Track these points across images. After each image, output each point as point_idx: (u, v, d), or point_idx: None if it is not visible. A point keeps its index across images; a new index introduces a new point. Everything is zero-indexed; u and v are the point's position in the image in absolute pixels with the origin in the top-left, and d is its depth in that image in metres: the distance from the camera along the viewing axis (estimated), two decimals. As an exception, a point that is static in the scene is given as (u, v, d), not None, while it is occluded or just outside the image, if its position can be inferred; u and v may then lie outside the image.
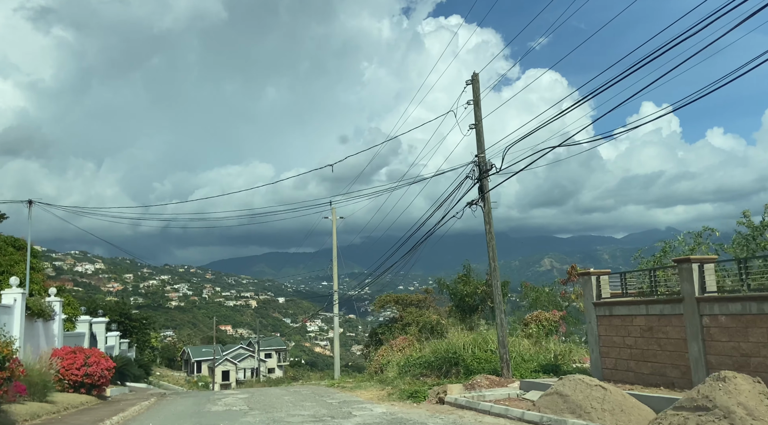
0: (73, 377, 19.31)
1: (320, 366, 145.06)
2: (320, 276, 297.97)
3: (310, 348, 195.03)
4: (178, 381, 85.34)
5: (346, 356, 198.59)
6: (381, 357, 27.83)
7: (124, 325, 37.84)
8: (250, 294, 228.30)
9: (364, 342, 39.34)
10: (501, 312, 14.91)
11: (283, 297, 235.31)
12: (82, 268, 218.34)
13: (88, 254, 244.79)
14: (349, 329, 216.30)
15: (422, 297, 34.62)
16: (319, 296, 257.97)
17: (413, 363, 19.72)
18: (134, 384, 29.65)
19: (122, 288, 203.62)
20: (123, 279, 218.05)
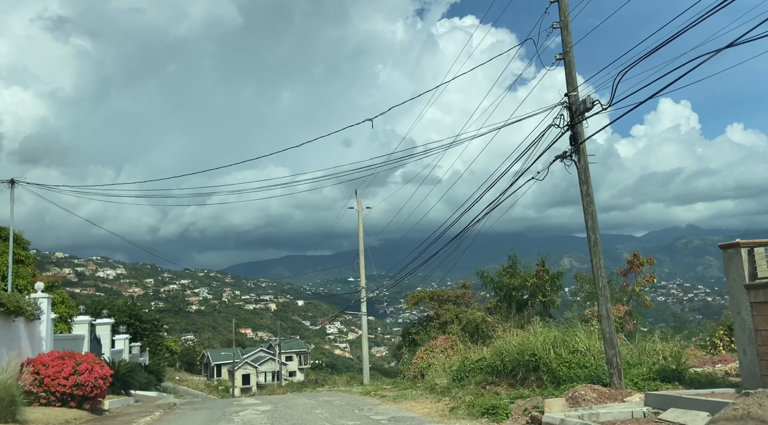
0: (60, 388, 15.72)
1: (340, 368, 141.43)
2: (338, 278, 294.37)
3: (330, 350, 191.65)
4: (197, 386, 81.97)
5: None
6: (420, 360, 24.02)
7: (135, 327, 34.36)
8: (270, 298, 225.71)
9: (396, 343, 35.50)
10: (606, 301, 11.05)
11: (302, 300, 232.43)
12: (104, 274, 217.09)
13: (110, 259, 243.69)
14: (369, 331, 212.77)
15: (460, 292, 30.78)
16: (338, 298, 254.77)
17: (472, 368, 15.90)
18: (143, 392, 26.06)
19: (143, 293, 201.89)
20: (144, 284, 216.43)
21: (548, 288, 25.35)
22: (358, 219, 34.57)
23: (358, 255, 34.75)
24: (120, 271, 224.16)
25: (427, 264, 29.59)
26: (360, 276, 34.20)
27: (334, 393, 25.57)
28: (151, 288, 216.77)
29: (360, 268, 34.23)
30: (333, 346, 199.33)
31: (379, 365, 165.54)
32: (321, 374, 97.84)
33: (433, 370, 23.12)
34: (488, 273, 26.89)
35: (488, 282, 26.75)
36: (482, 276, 26.82)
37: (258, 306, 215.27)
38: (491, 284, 26.76)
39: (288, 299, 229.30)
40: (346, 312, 33.82)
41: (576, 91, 11.06)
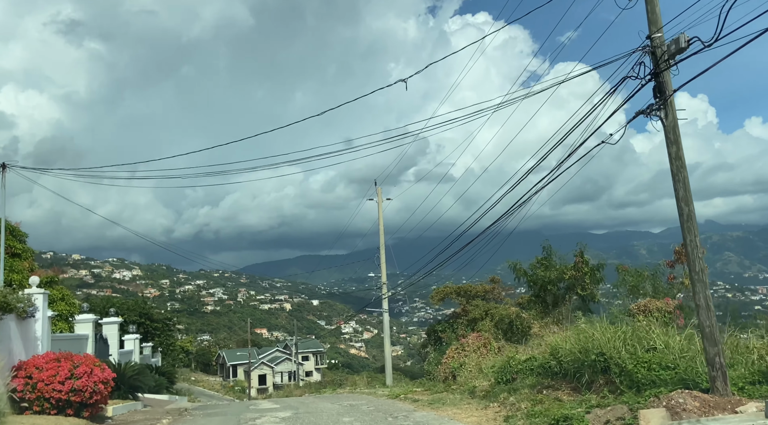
0: (56, 394, 13.87)
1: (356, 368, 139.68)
2: (353, 277, 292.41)
3: (346, 350, 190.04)
4: (213, 386, 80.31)
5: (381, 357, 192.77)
6: (450, 360, 21.99)
7: (145, 327, 32.52)
8: (284, 297, 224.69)
9: (419, 342, 33.45)
10: (705, 287, 8.98)
11: (317, 300, 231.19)
12: (120, 275, 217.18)
13: (126, 261, 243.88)
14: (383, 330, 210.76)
15: (489, 287, 28.68)
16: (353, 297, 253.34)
17: (519, 369, 13.84)
18: (153, 396, 24.23)
19: (159, 294, 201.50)
20: (159, 285, 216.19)
21: (587, 281, 23.23)
22: (377, 211, 32.61)
23: (377, 250, 32.79)
24: (136, 272, 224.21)
25: (451, 260, 27.62)
26: (381, 272, 32.23)
27: (357, 395, 23.61)
28: (167, 289, 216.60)
29: (381, 263, 32.27)
30: (348, 346, 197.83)
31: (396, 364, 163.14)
32: (338, 374, 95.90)
33: (465, 370, 21.12)
34: (521, 266, 24.78)
35: (521, 275, 24.64)
36: (515, 268, 24.71)
37: (273, 306, 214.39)
38: (524, 277, 24.66)
39: (303, 299, 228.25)
40: (366, 309, 31.92)
41: (660, 31, 9.00)
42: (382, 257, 32.18)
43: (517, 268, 24.71)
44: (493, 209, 21.18)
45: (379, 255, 32.34)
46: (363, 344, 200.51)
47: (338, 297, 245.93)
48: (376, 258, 32.64)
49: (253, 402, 23.54)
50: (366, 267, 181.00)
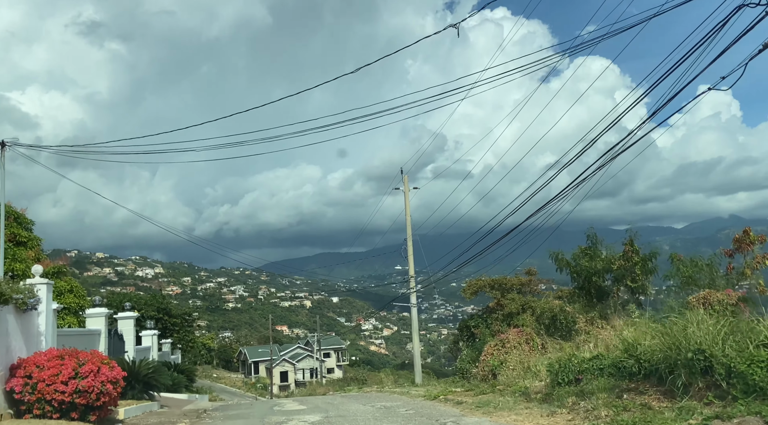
0: (58, 395, 12.22)
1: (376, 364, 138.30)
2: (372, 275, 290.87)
3: (366, 346, 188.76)
4: (235, 383, 79.03)
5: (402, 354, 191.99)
6: (490, 357, 20.07)
7: (163, 322, 30.94)
8: (304, 295, 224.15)
9: (452, 337, 31.56)
10: None
11: (337, 297, 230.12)
12: (143, 273, 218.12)
13: (148, 259, 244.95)
14: (403, 327, 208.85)
15: (525, 279, 26.68)
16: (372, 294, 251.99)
17: (585, 369, 11.88)
18: (171, 395, 22.63)
19: (181, 291, 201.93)
20: (181, 283, 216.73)
21: (638, 272, 21.13)
22: (403, 201, 30.72)
23: (402, 243, 30.93)
24: (158, 270, 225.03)
25: (481, 256, 25.70)
26: (408, 265, 30.35)
27: (387, 395, 21.78)
28: (189, 287, 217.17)
29: (408, 256, 30.39)
30: (368, 342, 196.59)
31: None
32: (359, 371, 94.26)
33: (506, 369, 19.19)
34: (563, 256, 22.73)
35: (563, 266, 22.59)
36: (556, 259, 22.64)
37: (293, 303, 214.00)
38: (567, 268, 22.60)
39: (323, 296, 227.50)
40: (393, 303, 30.13)
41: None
42: (410, 249, 30.31)
43: (559, 259, 22.65)
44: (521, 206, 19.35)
45: (407, 247, 30.46)
46: (383, 341, 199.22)
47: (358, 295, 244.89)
48: (403, 250, 30.77)
49: (276, 402, 21.82)
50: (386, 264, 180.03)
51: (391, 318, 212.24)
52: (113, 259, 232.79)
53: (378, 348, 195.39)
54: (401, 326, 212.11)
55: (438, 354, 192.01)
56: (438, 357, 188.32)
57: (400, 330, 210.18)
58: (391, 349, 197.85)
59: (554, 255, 22.82)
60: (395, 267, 39.76)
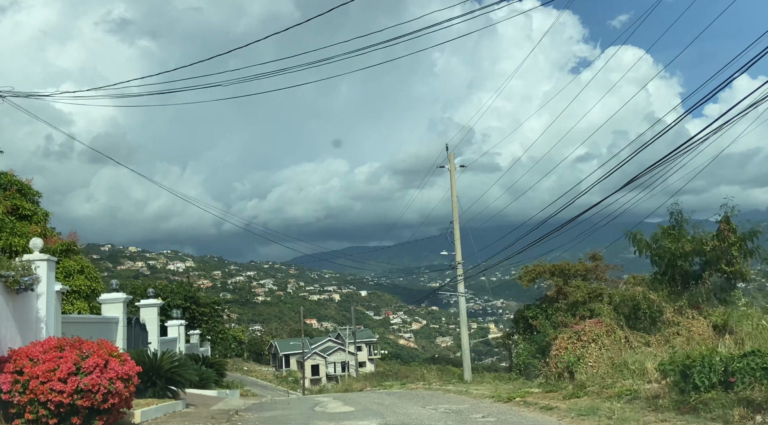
0: (55, 396, 9.67)
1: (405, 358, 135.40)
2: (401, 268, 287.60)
3: (394, 340, 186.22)
4: (266, 377, 76.96)
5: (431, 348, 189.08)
6: (563, 352, 17.08)
7: (191, 312, 28.45)
8: (333, 288, 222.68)
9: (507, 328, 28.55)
10: None
11: (365, 290, 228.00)
12: (174, 267, 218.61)
13: (179, 253, 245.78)
14: (432, 321, 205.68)
15: (590, 265, 23.58)
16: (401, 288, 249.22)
17: (737, 369, 8.83)
18: (199, 391, 20.13)
19: (211, 285, 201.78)
20: (212, 276, 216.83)
21: (735, 254, 17.91)
22: (450, 180, 27.78)
23: (450, 224, 28.01)
24: (189, 264, 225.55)
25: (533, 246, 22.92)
26: (455, 250, 27.44)
27: (440, 394, 18.95)
28: (219, 280, 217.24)
29: (454, 240, 27.48)
30: (397, 336, 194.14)
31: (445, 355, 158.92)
32: (391, 365, 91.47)
33: (584, 365, 16.24)
34: (642, 236, 19.59)
35: (643, 248, 19.48)
36: (634, 239, 19.54)
37: (322, 296, 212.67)
38: (647, 251, 19.49)
39: (351, 290, 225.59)
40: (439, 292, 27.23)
41: None
42: (456, 234, 27.38)
43: (638, 239, 19.51)
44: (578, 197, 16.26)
45: (453, 232, 27.54)
46: (412, 334, 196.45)
47: (386, 288, 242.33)
48: (449, 234, 27.87)
49: (316, 400, 19.16)
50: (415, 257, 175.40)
51: (419, 312, 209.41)
52: (145, 253, 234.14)
53: (407, 341, 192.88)
54: (430, 320, 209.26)
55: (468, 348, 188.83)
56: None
57: (429, 324, 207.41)
58: (420, 343, 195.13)
59: (631, 235, 19.70)
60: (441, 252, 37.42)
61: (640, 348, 16.72)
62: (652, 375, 11.82)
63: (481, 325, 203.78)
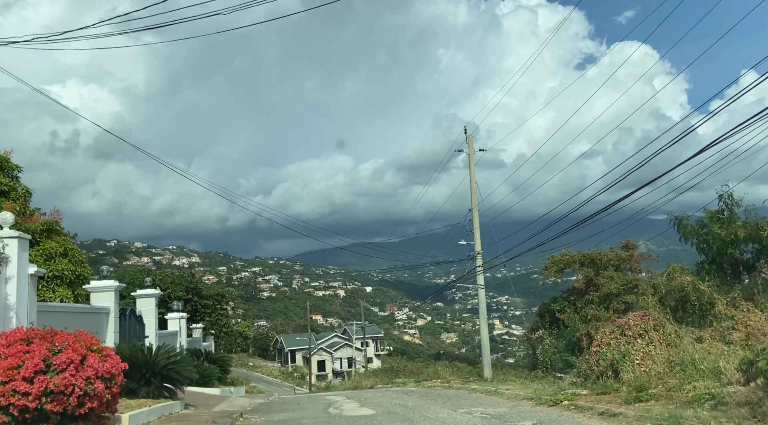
0: (18, 399, 7.83)
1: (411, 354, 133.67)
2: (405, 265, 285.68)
3: (399, 336, 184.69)
4: (272, 372, 75.19)
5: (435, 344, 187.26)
6: (606, 348, 15.16)
7: (193, 304, 26.52)
8: (338, 284, 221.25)
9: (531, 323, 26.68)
10: None
11: (370, 286, 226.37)
12: (180, 262, 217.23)
13: (185, 248, 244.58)
14: (437, 317, 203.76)
15: (623, 254, 21.61)
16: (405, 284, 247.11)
17: None
18: (201, 389, 18.31)
19: (216, 281, 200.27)
20: (217, 272, 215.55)
21: (796, 241, 15.96)
22: (468, 165, 25.86)
23: (468, 212, 26.10)
24: (194, 259, 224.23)
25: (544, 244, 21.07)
26: (474, 239, 25.52)
27: (465, 393, 17.08)
28: (224, 276, 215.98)
29: (474, 229, 25.56)
30: (402, 332, 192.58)
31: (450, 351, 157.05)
32: (397, 360, 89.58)
33: (630, 364, 14.33)
34: (688, 222, 17.66)
35: (689, 234, 17.55)
36: (679, 224, 17.61)
37: (327, 292, 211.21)
38: (693, 237, 17.56)
39: (356, 286, 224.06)
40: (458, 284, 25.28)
41: None
42: (475, 222, 25.45)
43: (683, 225, 17.56)
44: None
45: (471, 220, 25.62)
46: (417, 330, 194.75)
47: (391, 284, 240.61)
48: (467, 223, 25.94)
49: (329, 400, 17.31)
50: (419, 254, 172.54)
51: (424, 309, 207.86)
52: (151, 249, 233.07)
53: (412, 337, 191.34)
54: (435, 316, 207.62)
55: (473, 344, 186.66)
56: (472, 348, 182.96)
57: (433, 321, 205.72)
58: (425, 339, 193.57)
59: (676, 220, 17.73)
60: (459, 242, 35.62)
61: (692, 344, 14.82)
62: (732, 375, 9.91)
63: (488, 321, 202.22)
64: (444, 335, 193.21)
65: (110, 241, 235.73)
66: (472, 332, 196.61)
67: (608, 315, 19.94)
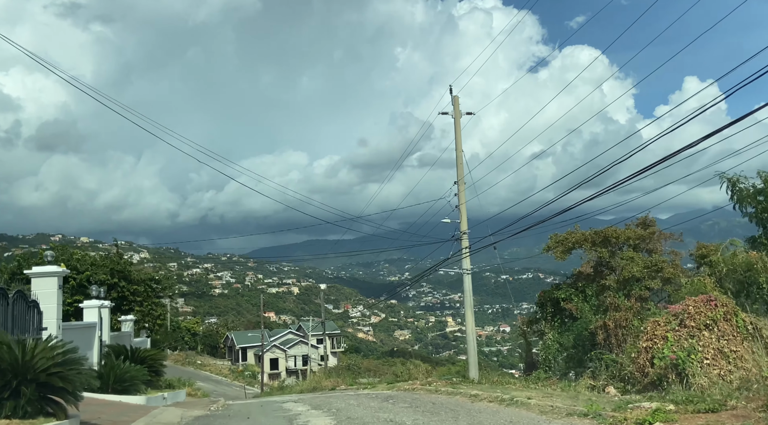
0: None
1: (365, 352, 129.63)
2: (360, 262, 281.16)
3: (353, 333, 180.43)
4: (221, 371, 69.57)
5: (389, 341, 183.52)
6: (660, 344, 11.19)
7: (120, 291, 21.40)
8: (292, 281, 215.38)
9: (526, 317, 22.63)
10: None
11: (325, 284, 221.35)
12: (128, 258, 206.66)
13: (134, 244, 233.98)
14: (391, 314, 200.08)
15: (643, 233, 17.85)
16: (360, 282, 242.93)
17: None
18: (119, 397, 13.54)
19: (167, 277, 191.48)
20: (167, 268, 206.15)
21: None
22: (455, 130, 21.74)
23: (454, 185, 22.01)
24: (144, 255, 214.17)
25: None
26: (460, 217, 21.42)
27: (466, 401, 12.89)
28: (175, 272, 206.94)
29: (459, 204, 21.46)
30: (356, 329, 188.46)
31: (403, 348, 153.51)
32: (354, 358, 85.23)
33: (699, 365, 10.45)
34: (743, 185, 13.97)
35: (745, 199, 13.90)
36: (733, 187, 13.92)
37: (281, 289, 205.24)
38: (749, 204, 13.90)
39: (310, 283, 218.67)
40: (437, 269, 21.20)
41: None
42: (461, 197, 21.35)
43: (738, 188, 13.83)
44: None
45: (458, 194, 21.51)
46: (371, 328, 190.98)
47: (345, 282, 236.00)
48: (451, 197, 21.79)
49: (290, 412, 12.89)
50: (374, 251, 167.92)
51: (378, 306, 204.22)
52: (98, 244, 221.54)
53: (366, 335, 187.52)
54: (389, 313, 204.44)
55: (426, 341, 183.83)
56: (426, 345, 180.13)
57: (387, 318, 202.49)
58: (379, 336, 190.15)
59: (729, 183, 13.96)
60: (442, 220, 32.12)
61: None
62: None
63: (438, 319, 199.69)
64: (398, 332, 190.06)
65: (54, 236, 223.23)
66: (425, 329, 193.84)
67: (629, 304, 16.13)
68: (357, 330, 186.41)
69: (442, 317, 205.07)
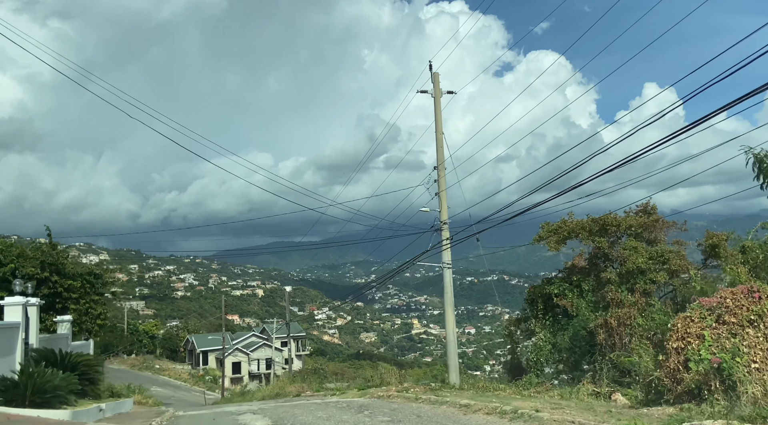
0: None
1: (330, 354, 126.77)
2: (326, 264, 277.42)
3: (319, 336, 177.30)
4: (180, 376, 66.10)
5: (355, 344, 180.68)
6: (696, 344, 9.19)
7: (52, 287, 18.46)
8: (257, 284, 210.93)
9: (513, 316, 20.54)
10: None
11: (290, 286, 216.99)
12: (87, 259, 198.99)
13: (93, 246, 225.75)
14: (357, 317, 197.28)
15: (648, 221, 15.96)
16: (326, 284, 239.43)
17: None
18: (38, 411, 10.96)
19: (128, 279, 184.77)
20: (128, 270, 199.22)
21: None
22: (435, 109, 19.61)
23: (433, 170, 19.91)
24: (103, 257, 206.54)
25: None
26: (440, 205, 19.29)
27: (458, 414, 10.72)
28: (136, 275, 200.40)
29: (439, 191, 19.33)
30: (321, 332, 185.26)
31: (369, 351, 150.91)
32: (319, 361, 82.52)
33: (741, 368, 8.50)
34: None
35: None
36: (760, 164, 12.11)
37: (245, 292, 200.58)
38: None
39: (275, 285, 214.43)
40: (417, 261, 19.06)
41: None
42: (442, 183, 19.22)
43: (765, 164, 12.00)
44: None
45: (438, 180, 19.38)
46: (336, 330, 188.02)
47: (311, 284, 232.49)
48: (430, 184, 19.65)
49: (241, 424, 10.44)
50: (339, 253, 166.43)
51: (344, 308, 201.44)
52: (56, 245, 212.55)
53: (331, 338, 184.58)
54: (355, 315, 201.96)
55: (392, 343, 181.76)
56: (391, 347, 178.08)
57: (353, 320, 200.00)
58: (344, 339, 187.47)
59: (756, 158, 12.09)
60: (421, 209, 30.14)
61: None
62: None
63: (404, 321, 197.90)
64: (363, 335, 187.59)
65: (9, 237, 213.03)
66: (391, 331, 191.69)
67: (633, 299, 14.21)
68: (322, 333, 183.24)
69: (408, 319, 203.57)
